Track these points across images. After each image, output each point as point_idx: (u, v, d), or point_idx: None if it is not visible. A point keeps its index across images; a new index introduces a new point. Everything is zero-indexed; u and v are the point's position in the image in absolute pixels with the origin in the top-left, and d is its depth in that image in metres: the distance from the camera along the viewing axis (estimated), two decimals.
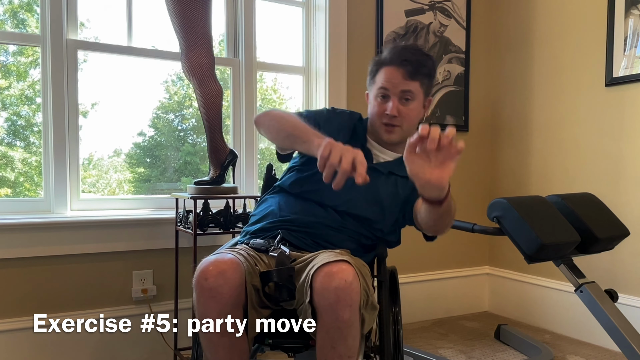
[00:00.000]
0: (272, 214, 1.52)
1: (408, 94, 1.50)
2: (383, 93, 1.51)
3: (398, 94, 1.49)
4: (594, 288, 1.68)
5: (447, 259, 3.03)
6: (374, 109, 1.54)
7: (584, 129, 2.60)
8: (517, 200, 1.73)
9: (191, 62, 2.03)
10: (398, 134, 1.53)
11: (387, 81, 1.50)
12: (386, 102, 1.51)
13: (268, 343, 1.34)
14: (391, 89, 1.50)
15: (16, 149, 2.25)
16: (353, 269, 1.20)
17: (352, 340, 1.20)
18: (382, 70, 1.53)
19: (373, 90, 1.56)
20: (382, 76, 1.52)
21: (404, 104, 1.50)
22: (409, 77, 1.49)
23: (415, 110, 1.53)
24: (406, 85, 1.49)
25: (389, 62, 1.51)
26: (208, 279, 1.20)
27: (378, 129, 1.54)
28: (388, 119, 1.50)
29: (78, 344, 2.11)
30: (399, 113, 1.49)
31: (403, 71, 1.49)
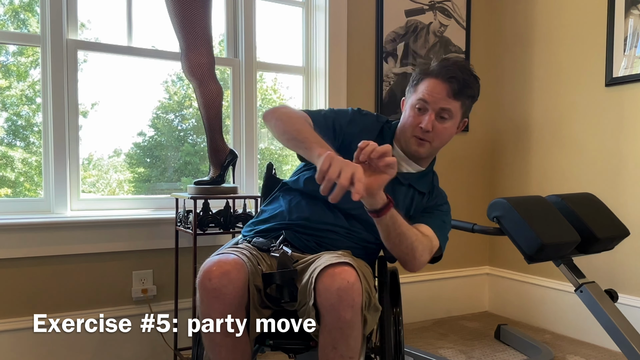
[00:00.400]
0: (280, 215, 1.52)
1: (446, 112, 1.46)
2: (422, 105, 1.46)
3: (437, 109, 1.45)
4: (594, 288, 1.68)
5: (447, 259, 3.00)
6: (408, 119, 1.49)
7: (583, 129, 2.60)
8: (517, 200, 1.73)
9: (191, 62, 2.03)
10: (427, 149, 1.51)
11: (429, 94, 1.45)
12: (423, 114, 1.46)
13: (269, 344, 1.34)
14: (431, 103, 1.45)
15: (16, 149, 2.25)
16: (355, 270, 1.20)
17: (354, 341, 1.20)
18: (425, 81, 1.47)
19: (412, 99, 1.50)
20: (425, 87, 1.46)
21: (440, 121, 1.46)
22: (453, 95, 1.44)
23: (449, 130, 1.49)
24: (447, 102, 1.45)
25: (436, 75, 1.46)
26: (212, 279, 1.20)
27: (408, 139, 1.50)
28: (421, 132, 1.46)
29: (78, 344, 2.11)
30: (433, 129, 1.46)
31: (448, 87, 1.44)
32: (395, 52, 2.79)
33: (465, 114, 1.52)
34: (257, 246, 1.42)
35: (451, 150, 3.01)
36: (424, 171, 1.57)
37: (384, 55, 2.76)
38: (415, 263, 1.40)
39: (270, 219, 1.53)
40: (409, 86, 1.54)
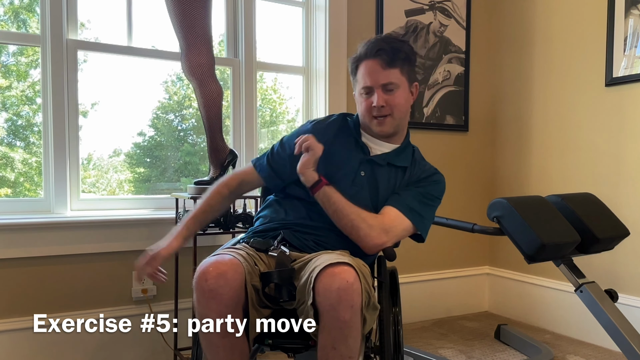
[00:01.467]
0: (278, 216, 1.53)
1: (390, 85, 1.49)
2: (366, 90, 1.51)
3: (380, 86, 1.48)
4: (594, 288, 1.68)
5: (447, 259, 3.03)
6: (361, 106, 1.53)
7: (583, 129, 2.60)
8: (517, 200, 1.73)
9: (191, 62, 2.03)
10: (389, 124, 1.52)
11: (368, 75, 1.49)
12: (371, 96, 1.50)
13: (268, 343, 1.34)
14: (373, 83, 1.49)
15: (16, 149, 2.25)
16: (354, 270, 1.21)
17: (353, 340, 1.21)
18: (360, 67, 1.52)
19: (357, 89, 1.55)
20: (362, 73, 1.51)
21: (388, 93, 1.49)
22: (387, 65, 1.47)
23: (401, 98, 1.51)
24: (386, 75, 1.48)
25: (365, 56, 1.50)
26: (208, 280, 1.20)
27: (369, 124, 1.53)
28: (376, 111, 1.49)
29: (78, 344, 2.11)
30: (386, 103, 1.48)
31: (379, 61, 1.48)
32: None
33: (410, 77, 1.54)
34: (256, 247, 1.42)
35: (451, 150, 3.01)
36: (399, 147, 1.58)
37: None
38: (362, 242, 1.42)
39: (268, 221, 1.54)
40: (352, 81, 1.59)
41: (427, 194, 1.54)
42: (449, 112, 2.98)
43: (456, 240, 3.02)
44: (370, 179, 1.50)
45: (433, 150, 2.94)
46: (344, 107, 2.65)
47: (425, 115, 2.89)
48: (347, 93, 2.68)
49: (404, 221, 1.47)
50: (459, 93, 3.01)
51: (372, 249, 1.43)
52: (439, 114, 2.94)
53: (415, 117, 2.86)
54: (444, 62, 2.95)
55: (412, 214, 1.48)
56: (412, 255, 2.89)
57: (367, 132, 1.57)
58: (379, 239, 1.42)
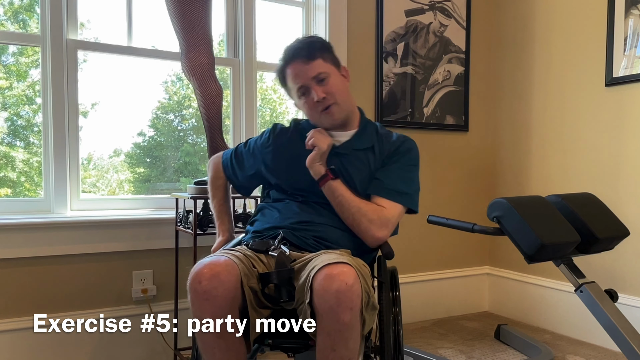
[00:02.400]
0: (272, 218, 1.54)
1: (319, 75, 1.53)
2: (302, 91, 1.55)
3: (312, 81, 1.53)
4: (594, 288, 1.68)
5: (447, 259, 3.03)
6: (306, 107, 1.58)
7: (583, 129, 2.60)
8: (517, 200, 1.73)
9: (191, 62, 2.03)
10: (337, 112, 1.55)
11: (296, 79, 1.54)
12: (309, 94, 1.54)
13: (268, 343, 1.34)
14: (304, 82, 1.53)
15: (16, 149, 2.25)
16: (354, 270, 1.20)
17: (353, 342, 1.20)
18: (287, 75, 1.57)
19: (294, 95, 1.60)
20: (290, 77, 1.56)
21: (322, 84, 1.53)
22: (308, 59, 1.53)
23: (336, 83, 1.56)
24: (311, 69, 1.52)
25: (287, 64, 1.57)
26: (202, 281, 1.20)
27: (320, 119, 1.57)
28: (320, 105, 1.53)
29: (78, 344, 2.11)
30: (325, 93, 1.52)
31: (300, 60, 1.54)
32: (395, 52, 2.79)
33: (335, 63, 1.60)
34: (255, 248, 1.42)
35: (451, 150, 3.01)
36: (358, 130, 1.61)
37: (384, 55, 2.76)
38: (363, 235, 1.48)
39: (264, 222, 1.54)
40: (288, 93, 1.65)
41: (405, 166, 1.57)
42: (449, 112, 2.98)
43: (456, 240, 3.02)
44: (340, 170, 1.53)
45: (433, 150, 2.94)
46: None
47: (425, 115, 2.90)
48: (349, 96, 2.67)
49: (397, 207, 1.51)
50: (459, 93, 3.01)
51: (373, 243, 1.48)
52: (439, 114, 2.94)
53: (415, 117, 2.86)
54: (444, 62, 2.95)
55: (402, 197, 1.52)
56: (412, 255, 2.89)
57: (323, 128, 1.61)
58: (379, 232, 1.47)
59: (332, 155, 1.55)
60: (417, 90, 2.87)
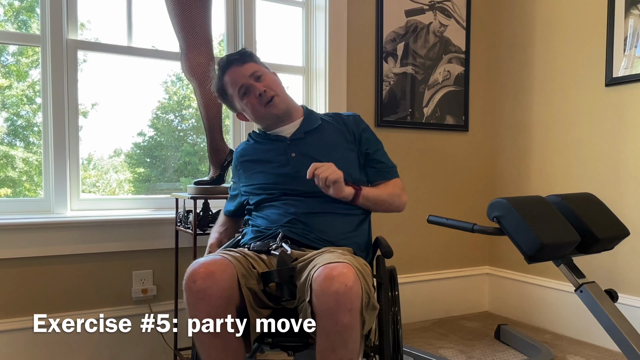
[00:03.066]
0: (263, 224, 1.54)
1: (256, 73, 1.64)
2: (243, 91, 1.64)
3: (249, 79, 1.63)
4: (594, 288, 1.68)
5: (447, 259, 3.03)
6: (250, 107, 1.65)
7: (583, 129, 2.60)
8: (517, 200, 1.73)
9: (191, 62, 2.03)
10: (279, 103, 1.64)
11: (235, 80, 1.64)
12: (251, 91, 1.63)
13: (268, 342, 1.34)
14: (243, 81, 1.63)
15: (16, 148, 2.25)
16: (354, 271, 1.19)
17: (353, 343, 1.20)
18: (226, 83, 1.67)
19: (236, 101, 1.69)
20: (229, 83, 1.66)
21: (259, 80, 1.63)
22: (242, 62, 1.65)
23: (273, 79, 1.67)
24: (247, 69, 1.64)
25: (223, 71, 1.67)
26: (196, 281, 1.21)
27: (264, 114, 1.64)
28: (263, 99, 1.61)
29: (78, 344, 2.11)
30: (265, 87, 1.62)
31: (235, 64, 1.65)
32: (395, 52, 2.79)
33: (266, 67, 1.71)
34: (256, 249, 1.42)
35: (451, 150, 3.01)
36: (303, 118, 1.70)
37: (384, 55, 2.76)
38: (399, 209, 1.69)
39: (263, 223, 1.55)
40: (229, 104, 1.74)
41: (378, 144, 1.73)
42: (449, 112, 2.98)
43: (456, 240, 3.02)
44: (302, 155, 1.60)
45: (433, 150, 2.94)
46: (344, 107, 2.66)
47: (425, 115, 2.90)
48: (347, 93, 2.68)
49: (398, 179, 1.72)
50: (459, 93, 3.01)
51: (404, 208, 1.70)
52: (439, 114, 2.94)
53: (415, 117, 2.86)
54: (444, 62, 2.95)
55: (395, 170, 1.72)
56: (412, 255, 2.89)
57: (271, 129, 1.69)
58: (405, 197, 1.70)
59: (288, 145, 1.63)
60: (417, 90, 2.87)
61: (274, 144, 1.66)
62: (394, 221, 2.81)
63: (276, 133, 1.68)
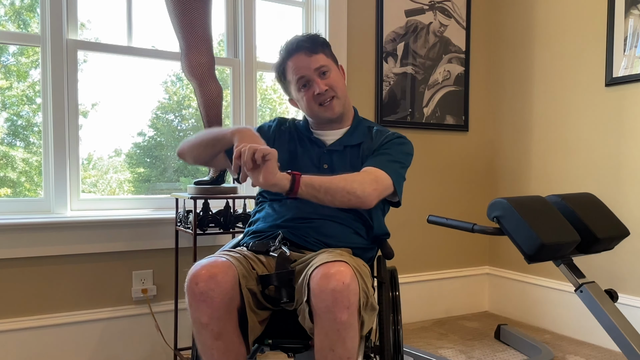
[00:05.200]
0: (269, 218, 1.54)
1: (322, 68, 1.54)
2: (303, 82, 1.55)
3: (314, 72, 1.53)
4: (594, 288, 1.68)
5: (447, 259, 3.03)
6: (305, 100, 1.56)
7: (583, 129, 2.60)
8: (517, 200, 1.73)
9: (191, 62, 2.03)
10: (337, 105, 1.56)
11: (298, 69, 1.54)
12: (310, 86, 1.54)
13: (268, 343, 1.34)
14: (306, 73, 1.53)
15: (16, 149, 2.25)
16: (351, 269, 1.19)
17: (351, 342, 1.20)
18: (287, 67, 1.56)
19: (293, 89, 1.58)
20: (291, 70, 1.55)
21: (324, 77, 1.54)
22: (312, 52, 1.54)
23: (338, 78, 1.58)
24: (315, 61, 1.53)
25: (288, 57, 1.56)
26: (199, 283, 1.20)
27: (318, 113, 1.56)
28: (321, 97, 1.54)
29: (78, 343, 2.11)
30: (327, 85, 1.53)
31: (303, 52, 1.54)
32: (395, 52, 2.79)
33: (334, 60, 1.61)
34: (255, 250, 1.42)
35: (451, 150, 3.01)
36: (351, 127, 1.62)
37: (384, 55, 2.76)
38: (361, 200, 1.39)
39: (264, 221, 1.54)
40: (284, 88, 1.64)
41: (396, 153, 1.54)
42: (449, 112, 2.98)
43: (456, 240, 3.02)
44: (333, 169, 1.53)
45: (433, 150, 2.94)
46: None
47: (425, 115, 2.89)
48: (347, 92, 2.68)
49: (384, 174, 1.46)
50: (459, 93, 3.01)
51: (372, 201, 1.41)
52: (439, 114, 2.94)
53: (415, 117, 2.86)
54: (444, 62, 2.95)
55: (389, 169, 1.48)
56: (412, 255, 2.89)
57: (316, 127, 1.62)
58: (373, 189, 1.40)
59: (325, 154, 1.56)
60: (417, 90, 2.87)
61: (312, 147, 1.59)
62: (394, 221, 2.82)
63: (318, 135, 1.61)
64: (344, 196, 1.37)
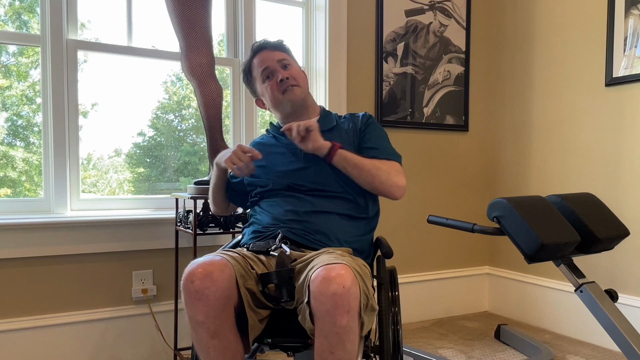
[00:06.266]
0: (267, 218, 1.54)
1: (284, 61, 1.66)
2: (267, 73, 1.65)
3: (276, 64, 1.64)
4: (594, 288, 1.68)
5: (447, 259, 3.03)
6: (270, 93, 1.65)
7: (584, 129, 2.60)
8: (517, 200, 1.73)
9: (191, 62, 2.03)
10: (299, 92, 1.64)
11: (263, 61, 1.65)
12: (274, 75, 1.64)
13: (267, 342, 1.34)
14: (270, 64, 1.64)
15: (16, 148, 2.25)
16: (352, 273, 1.19)
17: (351, 345, 1.19)
18: (253, 64, 1.69)
19: (258, 84, 1.68)
20: (256, 65, 1.67)
21: (286, 69, 1.65)
22: (274, 49, 1.68)
23: (299, 71, 1.68)
24: (277, 54, 1.66)
25: (255, 53, 1.69)
26: (194, 281, 1.20)
27: (283, 100, 1.64)
28: (284, 84, 1.62)
29: (78, 343, 2.11)
30: (289, 75, 1.63)
31: (267, 49, 1.68)
32: (395, 52, 2.79)
33: (297, 63, 1.72)
34: (255, 250, 1.42)
35: (451, 150, 3.01)
36: (320, 117, 1.70)
37: (384, 55, 2.76)
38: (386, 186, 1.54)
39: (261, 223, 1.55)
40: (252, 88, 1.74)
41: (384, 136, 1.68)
42: (449, 112, 2.98)
43: (456, 240, 3.02)
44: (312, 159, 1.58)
45: (433, 150, 2.94)
46: (344, 107, 2.66)
47: (425, 115, 2.90)
48: (347, 93, 2.68)
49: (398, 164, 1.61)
50: (459, 93, 3.01)
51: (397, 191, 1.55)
52: (439, 114, 2.94)
53: (415, 117, 2.86)
54: (444, 62, 2.95)
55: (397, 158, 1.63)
56: (412, 255, 2.89)
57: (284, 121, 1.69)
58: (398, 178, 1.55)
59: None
60: (417, 90, 2.87)
61: (286, 138, 1.63)
62: (394, 221, 2.82)
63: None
64: (367, 177, 1.52)
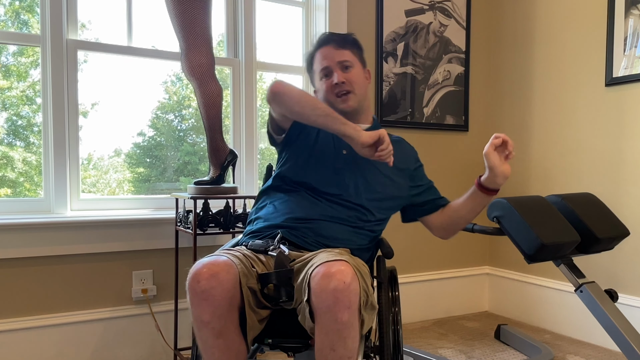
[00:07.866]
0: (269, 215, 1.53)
1: (346, 62, 1.59)
2: (325, 72, 1.61)
3: (337, 64, 1.59)
4: (594, 288, 1.68)
5: (447, 259, 3.03)
6: (324, 91, 1.61)
7: (583, 129, 2.60)
8: (517, 200, 1.73)
9: (191, 62, 2.03)
10: (352, 100, 1.59)
11: (323, 58, 1.60)
12: (330, 77, 1.60)
13: (267, 343, 1.34)
14: (330, 64, 1.59)
15: (16, 149, 2.25)
16: (352, 269, 1.19)
17: (352, 341, 1.20)
18: (315, 58, 1.64)
19: (317, 79, 1.64)
20: (318, 59, 1.62)
21: (346, 71, 1.59)
22: (339, 46, 1.60)
23: (359, 75, 1.62)
24: (340, 54, 1.59)
25: (319, 47, 1.64)
26: (200, 281, 1.20)
27: (334, 104, 1.59)
28: (338, 88, 1.58)
29: (78, 343, 2.11)
30: (346, 79, 1.58)
31: (331, 45, 1.61)
32: (395, 52, 2.79)
33: (362, 61, 1.66)
34: (254, 248, 1.42)
35: (451, 150, 3.01)
36: (371, 127, 1.64)
37: (384, 55, 2.76)
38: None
39: (262, 220, 1.54)
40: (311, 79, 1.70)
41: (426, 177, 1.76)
42: (449, 112, 2.98)
43: (456, 240, 3.02)
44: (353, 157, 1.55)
45: (433, 150, 2.94)
46: None
47: (425, 115, 2.90)
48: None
49: None
50: (459, 93, 3.01)
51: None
52: (439, 114, 2.94)
53: (415, 117, 2.86)
54: (444, 62, 2.95)
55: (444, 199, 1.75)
56: (412, 255, 2.89)
57: None
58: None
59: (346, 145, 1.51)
60: (417, 90, 2.87)
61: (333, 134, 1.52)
62: (394, 221, 2.81)
63: None
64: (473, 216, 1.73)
